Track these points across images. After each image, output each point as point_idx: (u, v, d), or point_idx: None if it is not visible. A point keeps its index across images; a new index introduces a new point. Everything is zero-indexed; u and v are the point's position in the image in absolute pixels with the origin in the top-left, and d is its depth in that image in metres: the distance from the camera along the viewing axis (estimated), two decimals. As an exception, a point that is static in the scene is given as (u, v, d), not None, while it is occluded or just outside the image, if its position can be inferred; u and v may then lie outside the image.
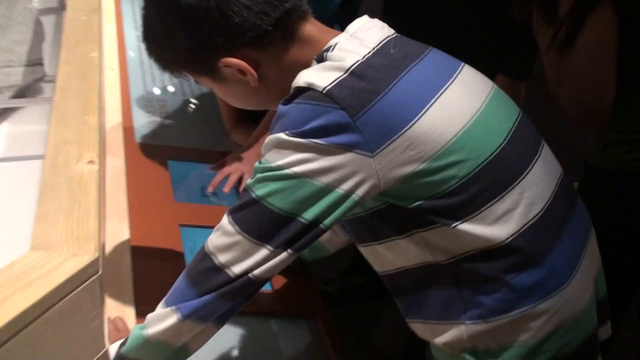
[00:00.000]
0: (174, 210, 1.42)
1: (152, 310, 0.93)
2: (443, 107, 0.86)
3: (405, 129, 0.84)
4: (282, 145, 0.84)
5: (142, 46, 0.97)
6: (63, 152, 1.03)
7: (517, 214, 0.90)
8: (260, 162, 0.87)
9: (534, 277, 0.90)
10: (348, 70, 0.85)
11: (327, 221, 0.85)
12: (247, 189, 0.87)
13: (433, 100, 0.86)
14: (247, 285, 0.87)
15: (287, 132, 0.83)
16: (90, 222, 0.89)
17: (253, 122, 1.67)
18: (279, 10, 0.89)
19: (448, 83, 0.90)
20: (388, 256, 0.97)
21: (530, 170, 0.92)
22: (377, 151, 0.83)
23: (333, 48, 0.89)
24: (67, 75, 1.28)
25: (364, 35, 0.91)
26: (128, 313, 1.15)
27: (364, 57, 0.87)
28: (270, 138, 0.85)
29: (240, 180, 1.52)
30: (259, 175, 0.86)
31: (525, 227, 0.90)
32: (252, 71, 0.91)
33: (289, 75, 0.90)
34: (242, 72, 0.91)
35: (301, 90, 0.85)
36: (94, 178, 0.98)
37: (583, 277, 0.96)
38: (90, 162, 1.01)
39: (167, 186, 1.48)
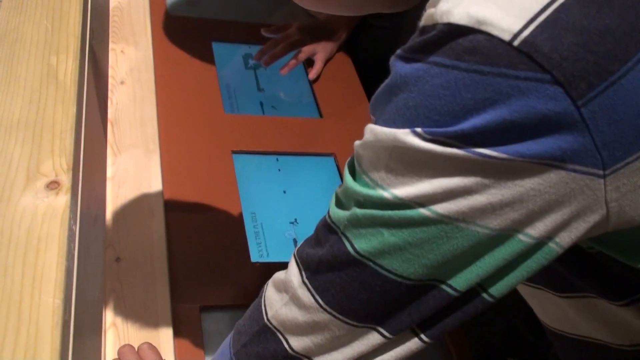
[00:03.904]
0: (224, 126, 0.99)
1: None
2: None
3: None
4: (407, 157, 0.39)
5: None
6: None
7: None
8: (356, 179, 0.43)
9: None
10: None
11: (494, 289, 0.43)
12: (330, 228, 0.45)
13: None
14: None
15: (420, 129, 0.38)
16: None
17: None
18: None
19: None
20: (571, 314, 0.56)
21: None
22: (617, 166, 0.37)
23: None
24: None
25: None
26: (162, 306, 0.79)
27: None
28: (375, 133, 0.40)
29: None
30: (357, 212, 0.42)
31: None
32: None
33: None
34: None
35: (453, 33, 0.37)
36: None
37: None
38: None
39: (212, 86, 1.05)
